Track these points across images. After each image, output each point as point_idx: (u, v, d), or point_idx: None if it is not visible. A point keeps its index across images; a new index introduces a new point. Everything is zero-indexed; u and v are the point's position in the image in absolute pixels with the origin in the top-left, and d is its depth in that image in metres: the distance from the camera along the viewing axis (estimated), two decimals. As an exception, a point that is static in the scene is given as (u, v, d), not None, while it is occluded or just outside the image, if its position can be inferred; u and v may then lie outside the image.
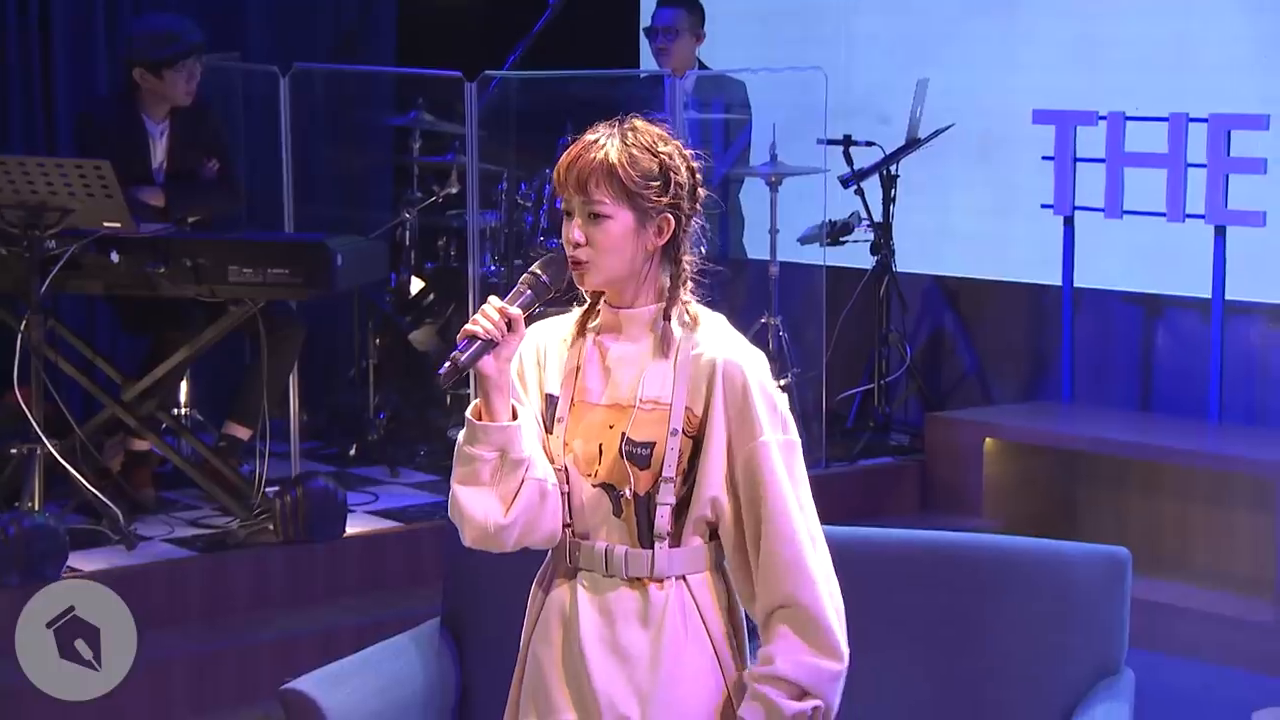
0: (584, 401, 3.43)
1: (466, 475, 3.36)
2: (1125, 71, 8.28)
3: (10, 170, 6.39)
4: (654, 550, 3.36)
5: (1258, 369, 8.14)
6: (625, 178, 3.35)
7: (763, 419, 3.32)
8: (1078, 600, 4.67)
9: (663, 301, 3.41)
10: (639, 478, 3.35)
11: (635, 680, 3.36)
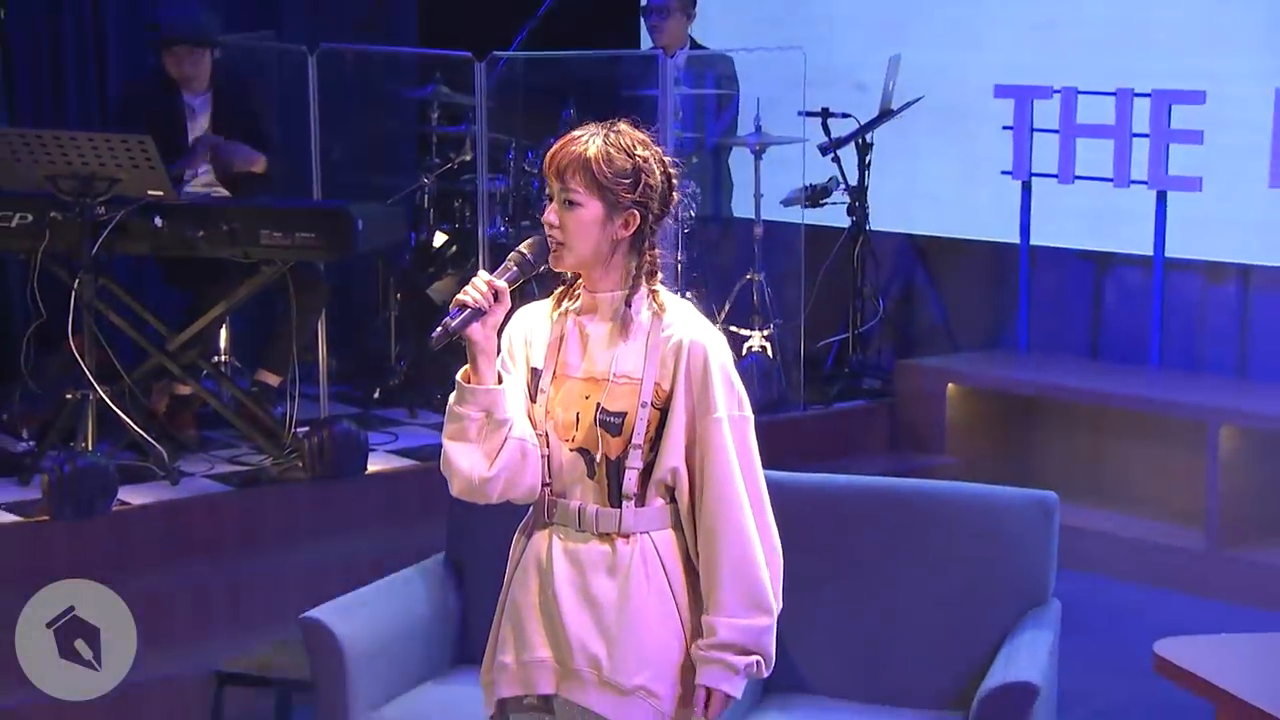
0: (564, 374, 3.46)
1: (455, 432, 3.39)
2: (1078, 50, 8.26)
3: (63, 144, 6.41)
4: (622, 509, 3.40)
5: (1195, 320, 8.16)
6: (598, 172, 3.37)
7: (719, 396, 3.37)
8: (1010, 539, 4.76)
9: (624, 289, 3.43)
10: (610, 444, 3.39)
11: (603, 624, 3.40)
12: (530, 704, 3.50)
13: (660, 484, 3.42)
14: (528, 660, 3.47)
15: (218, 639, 6.01)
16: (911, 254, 9.05)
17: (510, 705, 3.52)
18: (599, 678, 3.40)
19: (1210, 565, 7.23)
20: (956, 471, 7.88)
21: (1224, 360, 8.10)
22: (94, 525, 6.26)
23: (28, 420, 7.03)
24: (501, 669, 3.51)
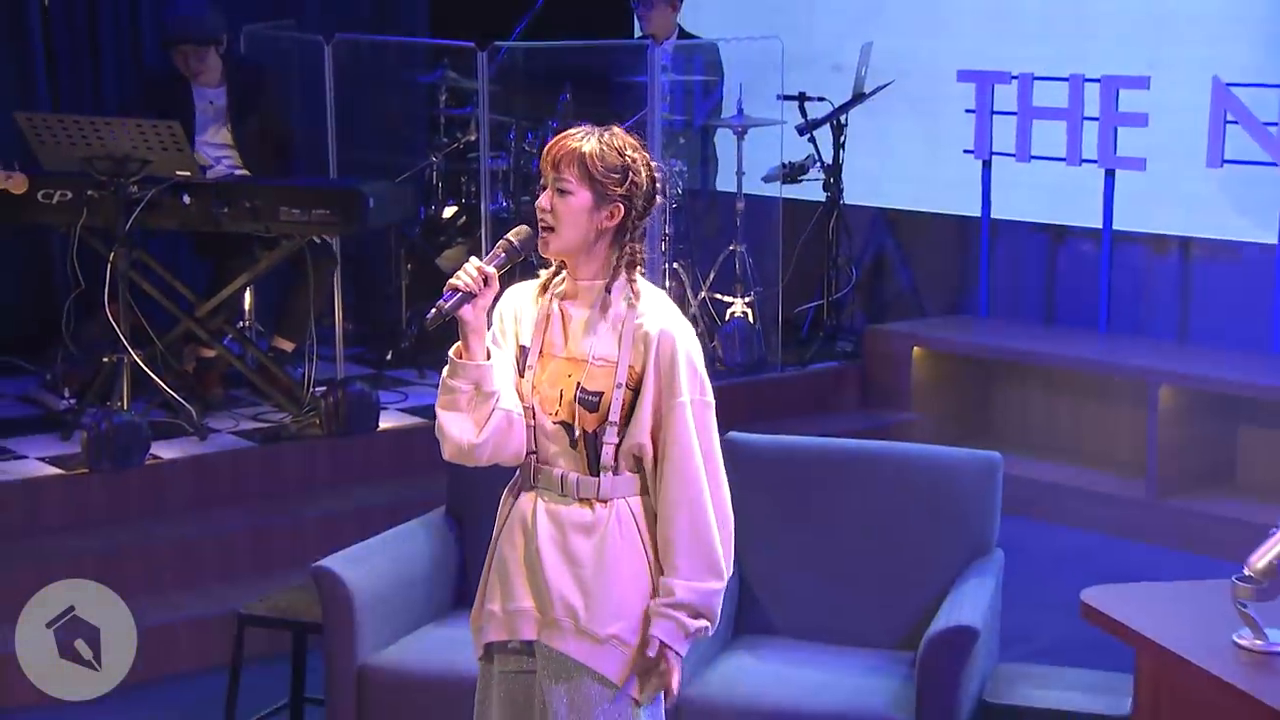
0: (549, 354, 3.49)
1: (447, 403, 3.43)
2: (1034, 39, 8.26)
3: (99, 129, 6.45)
4: (600, 478, 3.44)
5: (1139, 288, 8.17)
6: (591, 165, 3.39)
7: (684, 382, 3.40)
8: (958, 495, 4.82)
9: (606, 277, 3.46)
10: (588, 419, 3.42)
11: (581, 579, 3.44)
12: (514, 648, 3.53)
13: (630, 455, 3.45)
14: (512, 609, 3.51)
15: (240, 583, 6.06)
16: (882, 226, 9.04)
17: (496, 648, 3.55)
18: (576, 627, 3.44)
19: (1150, 513, 7.29)
20: (921, 427, 7.97)
21: (1165, 325, 8.11)
22: (128, 477, 6.30)
23: (68, 380, 7.02)
24: (489, 616, 3.54)
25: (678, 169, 7.96)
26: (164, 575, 6.10)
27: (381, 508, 6.28)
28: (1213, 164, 7.54)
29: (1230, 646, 3.60)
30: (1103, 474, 7.65)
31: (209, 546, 6.22)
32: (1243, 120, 7.43)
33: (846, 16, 9.04)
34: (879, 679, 4.55)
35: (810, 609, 4.87)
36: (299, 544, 6.21)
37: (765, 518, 4.91)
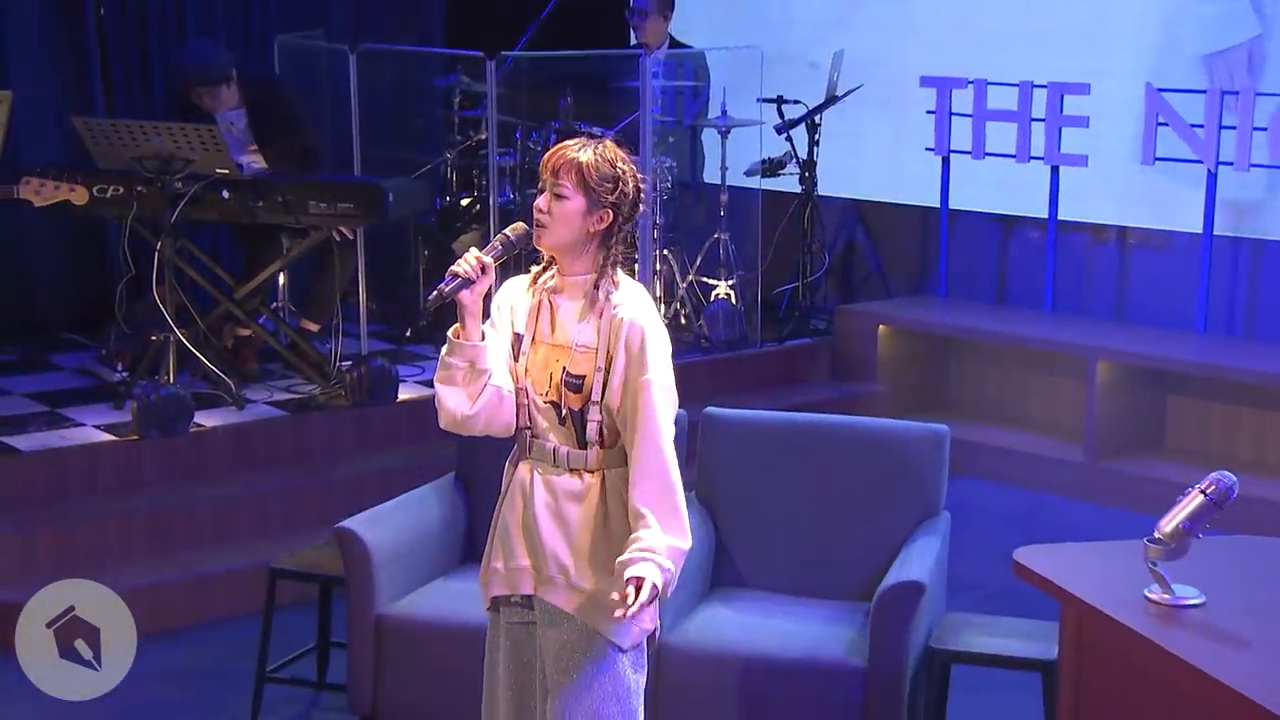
0: (540, 340, 3.53)
1: (444, 378, 3.48)
2: (988, 48, 8.22)
3: (147, 131, 6.49)
4: (587, 451, 3.49)
5: (1081, 272, 8.19)
6: (586, 174, 3.43)
7: (651, 363, 3.44)
8: (909, 464, 4.85)
9: (593, 273, 3.49)
10: (572, 399, 3.47)
11: (572, 540, 3.50)
12: (516, 602, 3.58)
13: (612, 430, 3.49)
14: (513, 567, 3.56)
15: (273, 538, 6.11)
16: (852, 216, 9.00)
17: (501, 602, 3.61)
18: (567, 582, 3.50)
19: (1088, 475, 7.34)
20: (885, 398, 7.98)
21: (1104, 306, 8.13)
22: (174, 444, 6.33)
23: (121, 356, 7.06)
24: (494, 573, 3.60)
25: (668, 165, 7.93)
26: (205, 531, 6.15)
27: (399, 471, 6.28)
28: (1146, 161, 7.57)
29: (1142, 600, 3.65)
30: (1047, 439, 7.68)
31: (245, 505, 6.25)
32: (1172, 122, 7.46)
33: (820, 22, 8.99)
34: (838, 628, 4.57)
35: (778, 565, 4.89)
36: (325, 503, 6.24)
37: (739, 483, 4.94)
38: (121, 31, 8.21)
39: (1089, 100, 7.72)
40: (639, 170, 3.55)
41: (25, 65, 7.89)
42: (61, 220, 6.33)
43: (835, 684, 4.37)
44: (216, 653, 5.59)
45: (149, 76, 8.28)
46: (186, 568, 5.92)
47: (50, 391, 7.00)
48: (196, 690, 5.32)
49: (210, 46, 7.33)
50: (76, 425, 6.46)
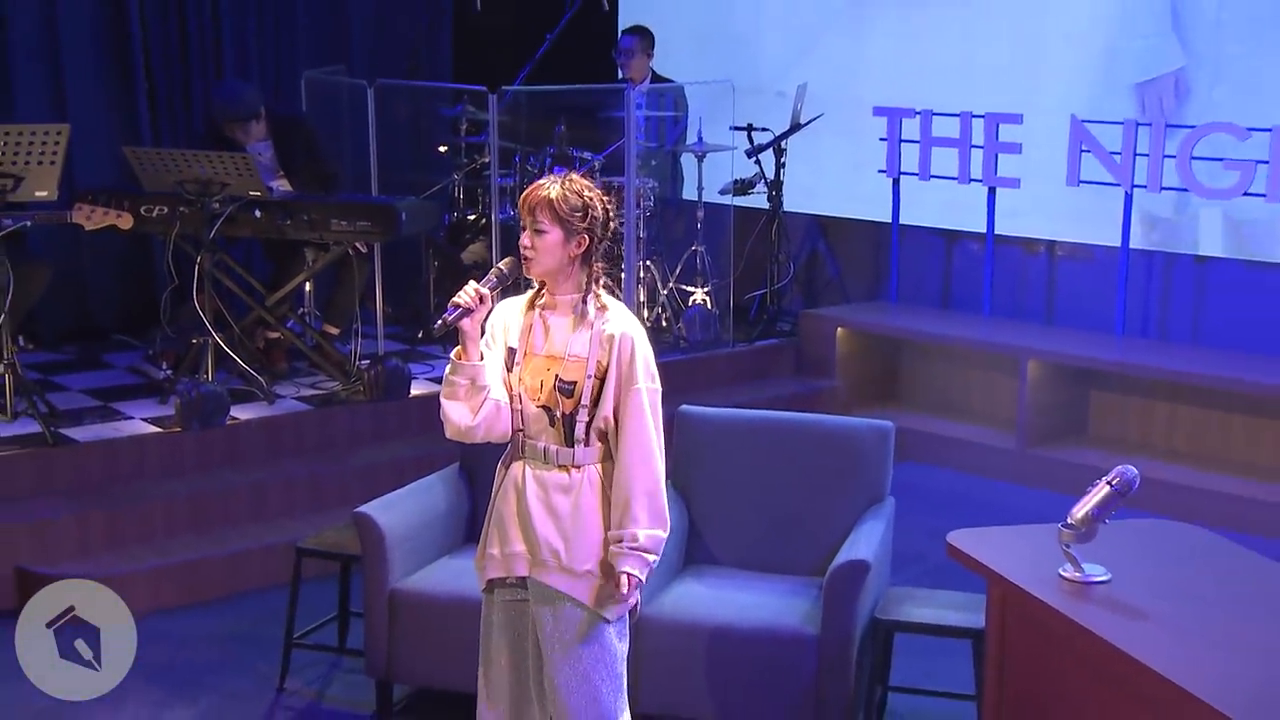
0: (533, 352, 3.56)
1: (449, 393, 3.53)
2: (933, 83, 8.24)
3: (188, 159, 6.52)
4: (574, 449, 3.53)
5: (1015, 281, 8.20)
6: (558, 207, 3.46)
7: (640, 374, 3.49)
8: (858, 456, 4.85)
9: (579, 292, 3.54)
10: (565, 404, 3.51)
11: (561, 527, 3.54)
12: (510, 583, 3.62)
13: (598, 430, 3.52)
14: (508, 552, 3.59)
15: (299, 518, 6.14)
16: (814, 230, 9.00)
17: (496, 583, 3.64)
18: (558, 564, 3.54)
19: (1019, 460, 7.37)
20: (842, 392, 8.02)
21: (1035, 311, 8.15)
22: (212, 435, 6.34)
23: (165, 356, 7.08)
24: (490, 558, 3.63)
25: (650, 185, 7.93)
26: (239, 512, 6.15)
27: (410, 460, 6.31)
28: (1071, 183, 7.59)
29: (1056, 578, 3.68)
30: (984, 429, 7.71)
31: (275, 490, 6.25)
32: (1094, 149, 7.49)
33: (785, 57, 9.00)
34: (795, 600, 4.60)
35: (744, 544, 4.91)
36: (346, 488, 6.26)
37: (710, 472, 4.96)
38: (166, 69, 8.21)
39: (1021, 129, 7.74)
40: (619, 190, 3.61)
41: (82, 100, 7.90)
42: (113, 236, 6.34)
43: (792, 650, 4.39)
44: (249, 620, 5.61)
45: (190, 109, 8.28)
46: (223, 545, 5.94)
47: (103, 388, 7.01)
48: (232, 653, 5.34)
49: (241, 86, 7.33)
50: (126, 418, 6.47)
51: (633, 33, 8.50)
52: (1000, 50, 8.08)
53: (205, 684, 5.09)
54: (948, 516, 6.41)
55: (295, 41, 8.66)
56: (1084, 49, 7.81)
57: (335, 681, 5.07)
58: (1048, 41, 7.93)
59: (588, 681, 3.54)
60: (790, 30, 9.07)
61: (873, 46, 8.67)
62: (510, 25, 9.14)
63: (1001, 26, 8.09)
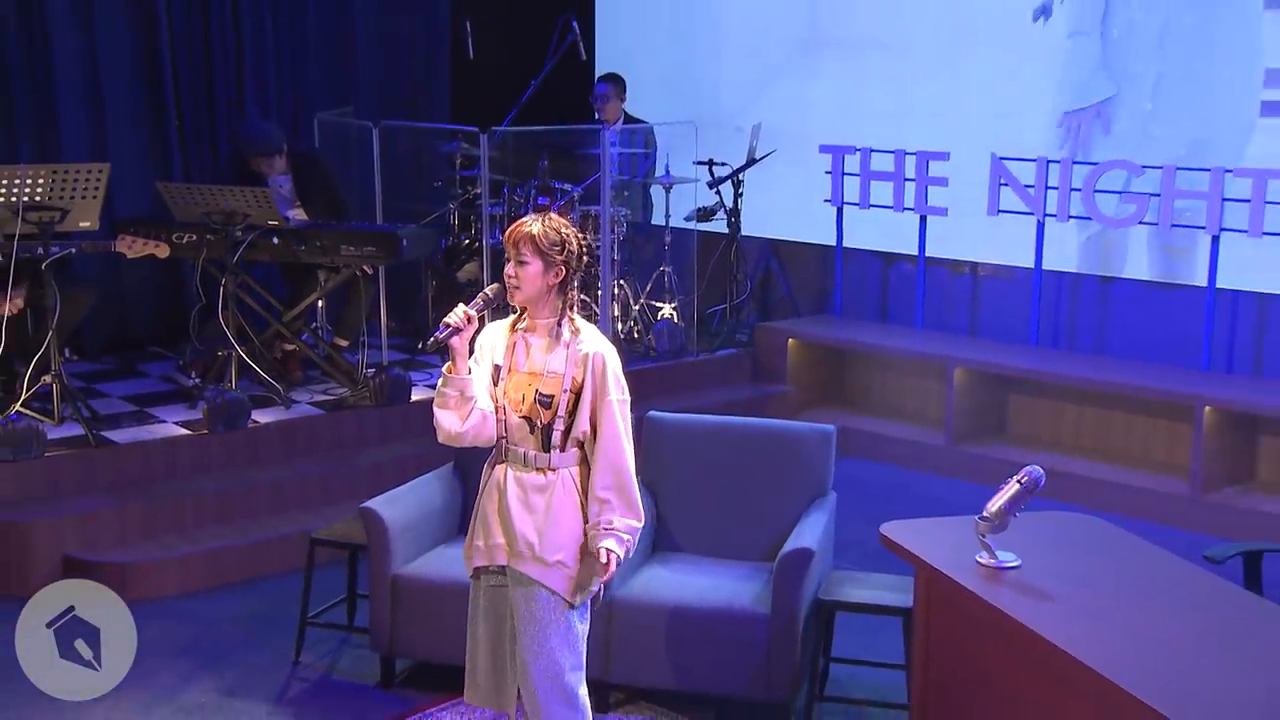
0: (516, 369, 3.57)
1: (440, 403, 3.54)
2: (872, 123, 8.25)
3: (214, 193, 6.53)
4: (551, 454, 3.54)
5: (944, 297, 8.21)
6: (538, 242, 3.48)
7: (611, 387, 3.51)
8: (804, 456, 4.86)
9: (556, 316, 3.55)
10: (543, 415, 3.52)
11: (537, 523, 3.55)
12: (493, 570, 3.62)
13: (575, 438, 3.53)
14: (491, 544, 3.60)
15: (313, 512, 6.13)
16: (768, 252, 9.01)
17: (481, 571, 3.65)
18: (533, 555, 3.54)
19: (947, 455, 7.38)
20: (793, 396, 8.01)
21: (961, 324, 8.17)
22: (236, 436, 6.33)
23: (194, 366, 7.07)
24: (476, 548, 3.64)
25: (623, 213, 7.92)
26: (259, 506, 6.13)
27: (411, 458, 6.30)
28: (991, 212, 7.61)
29: (974, 564, 3.73)
30: (917, 428, 7.72)
31: (291, 486, 6.24)
32: (1011, 183, 7.51)
33: (743, 98, 8.99)
34: (748, 583, 4.61)
35: (704, 533, 4.93)
36: (354, 484, 6.26)
37: (675, 470, 4.97)
38: (194, 111, 8.18)
39: (948, 164, 7.76)
40: (595, 218, 3.60)
41: (121, 140, 7.89)
42: (149, 260, 6.33)
43: (745, 628, 4.41)
44: (268, 602, 5.61)
45: (216, 147, 8.26)
46: (244, 535, 5.93)
47: (139, 394, 7.00)
48: (253, 631, 5.33)
49: (267, 125, 7.32)
50: (159, 422, 6.47)
51: (607, 79, 8.50)
52: (932, 94, 8.10)
53: (229, 658, 5.09)
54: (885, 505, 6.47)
55: (309, 85, 8.64)
56: (1009, 90, 7.82)
57: (344, 656, 5.07)
58: (973, 85, 7.95)
59: (551, 657, 3.55)
60: (746, 76, 9.09)
61: (819, 91, 8.68)
62: (500, 71, 9.12)
63: (933, 72, 8.11)
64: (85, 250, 6.22)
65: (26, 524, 5.61)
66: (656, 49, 9.44)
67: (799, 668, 4.43)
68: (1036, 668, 3.43)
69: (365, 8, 8.97)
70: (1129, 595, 3.61)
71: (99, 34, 7.78)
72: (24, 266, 5.97)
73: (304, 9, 8.61)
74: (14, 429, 5.75)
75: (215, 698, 4.77)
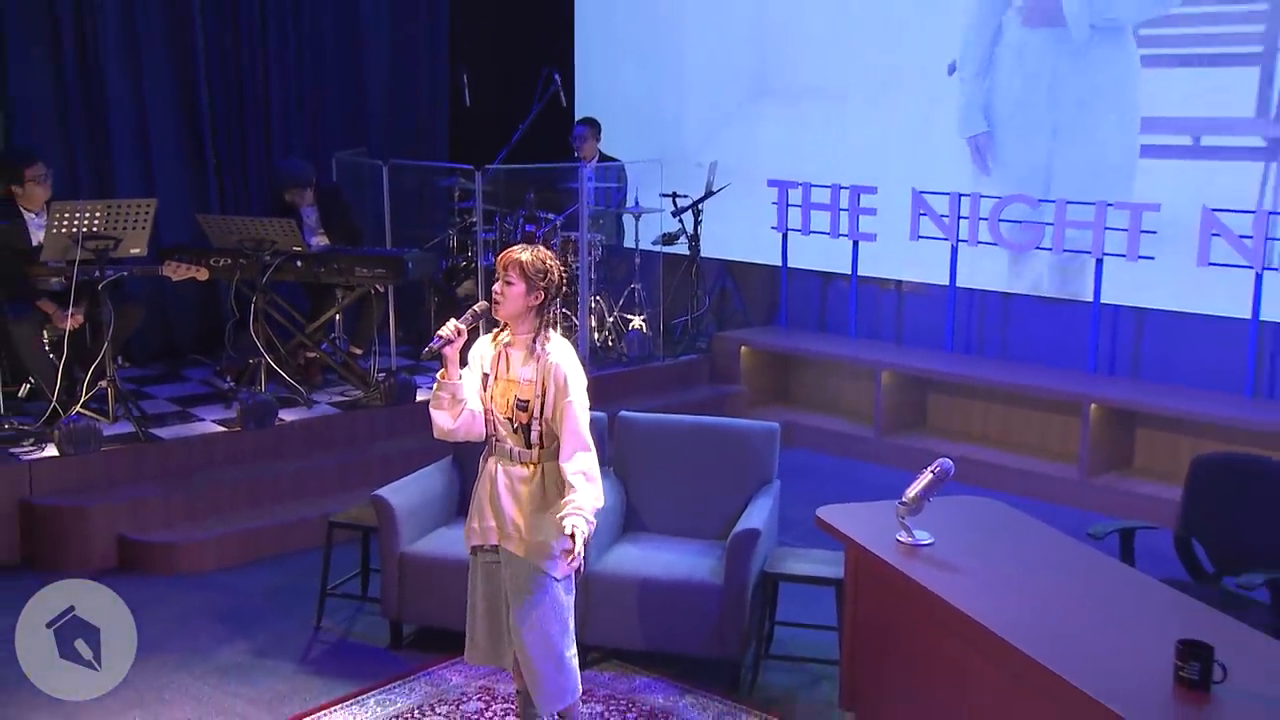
0: (500, 377, 3.58)
1: (435, 404, 3.54)
2: (811, 161, 8.27)
3: (246, 224, 6.53)
4: (532, 450, 3.56)
5: (874, 310, 8.23)
6: (526, 268, 3.49)
7: (571, 391, 3.52)
8: (753, 449, 4.85)
9: (532, 333, 3.56)
10: (521, 416, 3.54)
11: (522, 508, 3.56)
12: (487, 549, 3.63)
13: (550, 435, 3.54)
14: (484, 526, 3.61)
15: (331, 498, 6.11)
16: (724, 272, 9.00)
17: (477, 549, 3.66)
18: (520, 536, 3.56)
19: (877, 446, 7.40)
20: (746, 395, 8.00)
21: (888, 333, 8.19)
22: (265, 433, 6.32)
23: (229, 372, 7.08)
24: (472, 530, 3.65)
25: (599, 239, 7.91)
26: (285, 492, 6.12)
27: (416, 452, 6.22)
28: (913, 238, 7.66)
29: (894, 542, 3.77)
30: (851, 423, 7.73)
31: (312, 475, 6.22)
32: (929, 213, 7.55)
33: (701, 138, 8.98)
34: (705, 559, 4.61)
35: (668, 516, 4.92)
36: (368, 473, 6.23)
37: (644, 462, 4.96)
38: (229, 150, 8.16)
39: (876, 197, 7.79)
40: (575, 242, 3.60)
41: (166, 176, 7.87)
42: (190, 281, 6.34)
43: (702, 596, 4.42)
44: (293, 575, 5.60)
45: (247, 182, 8.24)
46: (272, 517, 5.92)
47: (182, 396, 6.98)
48: (280, 600, 5.32)
49: (301, 163, 7.29)
50: (199, 420, 6.46)
51: (584, 122, 8.49)
52: (862, 136, 8.13)
53: (259, 623, 5.09)
54: (823, 489, 6.59)
55: (328, 128, 8.63)
56: (927, 132, 7.86)
57: (359, 622, 5.05)
58: (898, 129, 7.98)
59: (540, 626, 3.56)
60: (704, 120, 9.10)
61: (766, 133, 8.70)
62: (492, 117, 9.16)
63: (863, 117, 8.14)
64: (135, 273, 6.22)
65: (87, 509, 5.61)
66: (627, 96, 9.45)
67: (748, 630, 4.45)
68: (945, 629, 3.48)
69: (376, 61, 8.95)
70: (1024, 568, 3.66)
71: (146, 82, 7.76)
72: (83, 287, 5.97)
73: (324, 61, 8.60)
74: (75, 427, 5.75)
75: (248, 658, 4.77)
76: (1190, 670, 2.95)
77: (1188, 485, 4.34)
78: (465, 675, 4.56)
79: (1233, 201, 6.56)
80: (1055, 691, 3.01)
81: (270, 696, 4.44)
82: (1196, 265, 6.57)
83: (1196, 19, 6.82)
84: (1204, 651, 2.95)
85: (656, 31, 9.22)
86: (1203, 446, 6.27)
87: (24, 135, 7.32)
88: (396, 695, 4.42)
